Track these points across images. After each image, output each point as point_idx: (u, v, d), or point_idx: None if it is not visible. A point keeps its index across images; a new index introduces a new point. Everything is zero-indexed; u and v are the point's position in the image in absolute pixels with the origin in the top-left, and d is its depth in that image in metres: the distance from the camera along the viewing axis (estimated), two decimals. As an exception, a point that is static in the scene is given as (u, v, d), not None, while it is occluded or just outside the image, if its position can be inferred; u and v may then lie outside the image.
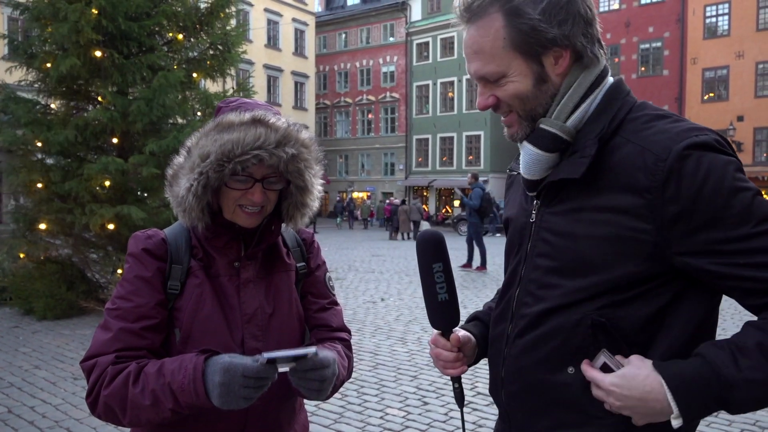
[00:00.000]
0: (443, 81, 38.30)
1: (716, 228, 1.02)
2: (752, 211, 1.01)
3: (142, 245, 1.39)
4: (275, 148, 1.31)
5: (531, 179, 1.21)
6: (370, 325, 7.59)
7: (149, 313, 1.33)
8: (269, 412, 1.41)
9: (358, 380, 5.27)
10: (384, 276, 12.49)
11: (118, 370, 1.27)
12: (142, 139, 7.79)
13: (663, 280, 1.08)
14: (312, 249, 1.61)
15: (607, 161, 1.10)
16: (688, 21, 31.34)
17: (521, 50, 1.13)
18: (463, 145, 37.69)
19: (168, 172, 1.41)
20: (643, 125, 1.11)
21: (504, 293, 1.30)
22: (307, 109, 40.24)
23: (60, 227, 7.82)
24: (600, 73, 1.18)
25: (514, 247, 1.30)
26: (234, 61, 8.75)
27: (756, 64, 29.74)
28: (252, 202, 1.35)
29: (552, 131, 1.15)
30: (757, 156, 29.74)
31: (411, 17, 39.90)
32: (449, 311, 1.28)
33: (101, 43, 7.54)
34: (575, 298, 1.12)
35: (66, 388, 5.02)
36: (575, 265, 1.13)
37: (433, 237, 1.29)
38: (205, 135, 1.34)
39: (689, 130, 1.06)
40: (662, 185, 1.03)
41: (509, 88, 1.16)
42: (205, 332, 1.35)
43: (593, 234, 1.10)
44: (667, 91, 31.85)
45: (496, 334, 1.29)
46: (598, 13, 1.18)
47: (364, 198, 40.57)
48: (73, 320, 7.71)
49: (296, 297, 1.52)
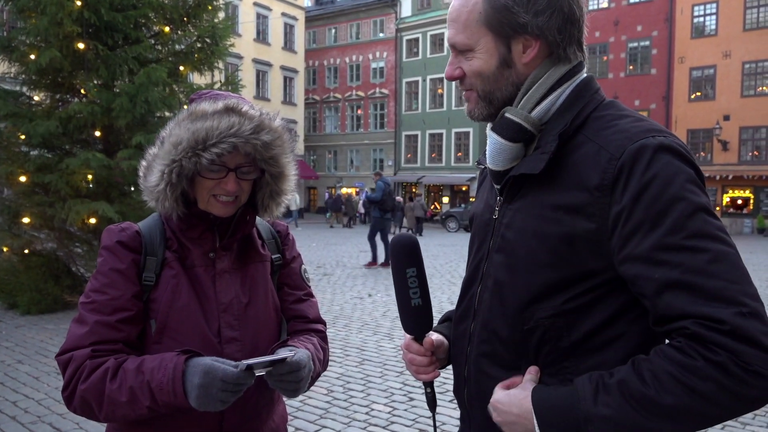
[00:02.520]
0: (433, 77, 38.27)
1: (648, 234, 0.98)
2: (687, 224, 0.96)
3: (116, 238, 1.38)
4: (250, 135, 1.32)
5: (495, 170, 1.20)
6: (357, 321, 7.58)
7: (125, 305, 1.32)
8: (247, 402, 1.41)
9: (344, 376, 5.26)
10: (371, 271, 12.47)
11: (96, 365, 1.26)
12: (129, 133, 7.72)
13: (615, 285, 1.05)
14: (287, 241, 1.62)
15: (566, 159, 1.09)
16: (676, 20, 31.53)
17: (492, 28, 1.12)
18: (452, 141, 37.74)
19: (142, 164, 1.41)
20: (606, 124, 1.09)
21: (466, 290, 1.28)
22: (296, 104, 40.08)
23: (42, 220, 7.73)
24: (572, 69, 1.16)
25: (476, 243, 1.29)
26: (222, 54, 8.68)
27: (743, 63, 29.99)
28: (226, 191, 1.36)
29: (516, 121, 1.14)
30: (742, 155, 29.99)
31: (401, 13, 39.84)
32: (422, 316, 1.26)
33: (85, 35, 7.45)
34: (527, 297, 1.10)
35: (49, 383, 4.97)
36: (527, 262, 1.11)
37: (408, 242, 1.27)
38: (178, 124, 1.35)
39: (647, 131, 1.04)
40: (612, 184, 1.01)
41: (474, 64, 1.16)
42: (182, 322, 1.35)
43: (546, 232, 1.08)
44: (655, 90, 32.04)
45: (458, 332, 1.27)
46: (587, 12, 1.17)
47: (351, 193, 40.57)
48: (57, 315, 7.64)
49: (272, 287, 1.53)
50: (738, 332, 0.89)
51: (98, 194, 7.64)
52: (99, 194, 7.65)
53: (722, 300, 0.92)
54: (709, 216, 0.98)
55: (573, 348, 1.07)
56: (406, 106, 39.93)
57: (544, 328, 1.08)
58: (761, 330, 0.90)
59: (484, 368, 1.17)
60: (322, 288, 10.19)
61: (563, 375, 1.08)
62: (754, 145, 30.00)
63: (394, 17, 40.04)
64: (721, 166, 29.62)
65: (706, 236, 0.96)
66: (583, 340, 1.07)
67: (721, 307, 0.91)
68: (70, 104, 7.99)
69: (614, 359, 1.04)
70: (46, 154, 7.91)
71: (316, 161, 43.99)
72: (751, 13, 29.86)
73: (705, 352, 0.91)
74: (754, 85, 29.94)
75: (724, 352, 0.89)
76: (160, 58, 8.37)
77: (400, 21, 39.65)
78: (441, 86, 38.06)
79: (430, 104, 38.74)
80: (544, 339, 1.09)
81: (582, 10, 1.15)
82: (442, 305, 8.56)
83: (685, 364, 0.92)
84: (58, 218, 7.36)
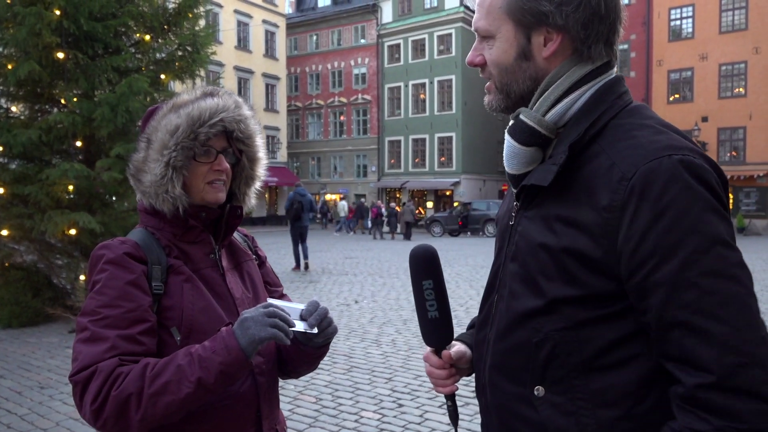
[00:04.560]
0: (415, 83, 38.37)
1: (658, 267, 0.93)
2: (701, 259, 0.91)
3: (122, 250, 1.33)
4: (234, 110, 1.41)
5: (511, 173, 1.15)
6: (344, 328, 7.55)
7: (143, 316, 1.28)
8: (272, 392, 1.49)
9: (332, 384, 5.23)
10: (358, 278, 12.45)
11: (131, 368, 1.20)
12: (110, 143, 7.63)
13: (628, 303, 1.00)
14: (255, 242, 1.70)
15: (579, 171, 1.03)
16: (653, 24, 31.98)
17: (513, 16, 1.08)
18: (435, 146, 37.81)
19: (129, 172, 1.43)
20: (622, 135, 1.02)
21: (487, 297, 1.24)
22: (278, 111, 39.97)
23: (22, 232, 7.61)
24: (596, 69, 1.09)
25: (497, 248, 1.26)
26: (203, 62, 8.62)
27: (719, 65, 30.48)
28: (219, 173, 1.41)
29: (529, 124, 1.08)
30: (721, 156, 30.45)
31: (382, 19, 39.94)
32: (440, 329, 1.23)
33: (64, 45, 7.37)
34: (536, 310, 1.06)
35: (32, 397, 4.88)
36: (537, 274, 1.06)
37: (424, 253, 1.23)
38: (164, 117, 1.39)
39: (665, 148, 0.96)
40: (621, 207, 0.95)
41: (494, 53, 1.12)
42: (207, 321, 1.35)
43: (554, 245, 1.03)
44: (634, 92, 32.41)
45: (479, 339, 1.24)
46: (623, 11, 1.11)
47: (336, 200, 40.54)
48: (39, 328, 7.52)
49: (263, 283, 1.61)
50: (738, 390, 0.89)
51: (79, 205, 7.53)
52: (80, 205, 7.54)
53: (729, 349, 0.89)
54: (726, 249, 0.93)
55: (584, 365, 1.02)
56: (389, 111, 39.98)
57: (554, 341, 1.03)
58: (762, 379, 0.89)
59: (494, 380, 1.15)
60: (308, 295, 10.14)
61: (572, 394, 1.02)
62: (732, 146, 30.49)
63: (376, 23, 40.13)
64: (701, 167, 29.95)
65: (718, 274, 0.91)
66: (595, 357, 1.01)
67: (723, 357, 0.90)
68: (50, 114, 7.89)
69: (626, 381, 1.00)
70: (25, 165, 7.79)
71: (300, 168, 43.88)
72: (727, 15, 30.37)
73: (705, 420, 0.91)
74: (730, 86, 30.45)
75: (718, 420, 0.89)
76: (141, 67, 8.30)
77: (382, 27, 39.74)
78: (423, 91, 38.19)
79: (412, 109, 38.82)
80: (554, 353, 1.04)
81: (616, 7, 1.08)
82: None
83: None
84: (37, 230, 7.24)
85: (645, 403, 0.99)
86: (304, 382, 5.22)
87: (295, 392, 5.00)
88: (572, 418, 1.02)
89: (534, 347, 1.05)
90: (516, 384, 1.09)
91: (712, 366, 0.89)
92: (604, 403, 1.00)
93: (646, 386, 0.99)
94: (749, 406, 0.88)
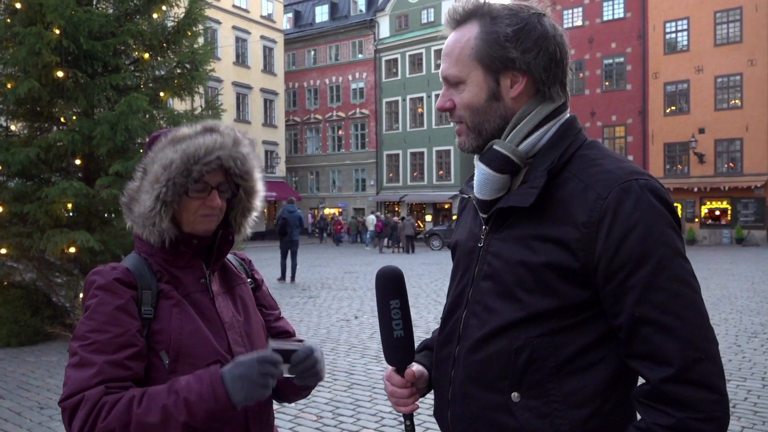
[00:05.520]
0: (412, 97, 38.56)
1: (632, 272, 1.06)
2: (668, 266, 1.06)
3: (112, 276, 1.37)
4: (232, 148, 1.42)
5: (482, 199, 1.25)
6: (344, 344, 7.53)
7: (131, 341, 1.30)
8: (263, 413, 1.48)
9: (333, 401, 5.21)
10: (357, 293, 12.43)
11: (116, 399, 1.22)
12: (108, 161, 7.64)
13: (602, 311, 1.13)
14: (252, 266, 1.71)
15: (554, 194, 1.15)
16: (649, 37, 32.20)
17: (483, 62, 1.20)
18: (434, 160, 37.94)
19: (122, 200, 1.45)
20: (590, 163, 1.17)
21: (450, 315, 1.32)
22: (276, 126, 40.09)
23: (20, 251, 7.59)
24: (558, 108, 1.23)
25: (460, 270, 1.32)
26: (202, 79, 8.66)
27: (715, 78, 30.66)
28: (211, 208, 1.42)
29: (504, 153, 1.20)
30: (718, 167, 30.53)
31: (379, 34, 40.21)
32: (404, 348, 1.29)
33: (64, 63, 7.40)
34: (516, 321, 1.15)
35: (32, 418, 4.85)
36: (516, 289, 1.16)
37: (392, 273, 1.30)
38: (161, 150, 1.41)
39: (632, 173, 1.11)
40: (598, 222, 1.09)
41: (464, 96, 1.22)
42: (195, 346, 1.37)
43: (534, 261, 1.14)
44: (631, 105, 32.59)
45: (442, 356, 1.31)
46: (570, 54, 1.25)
47: (335, 214, 40.53)
48: (38, 347, 7.49)
49: (256, 307, 1.62)
50: (695, 382, 1.02)
51: (79, 223, 7.53)
52: (80, 223, 7.54)
53: (689, 345, 1.03)
54: (684, 260, 1.08)
55: (558, 369, 1.12)
56: (387, 125, 40.14)
57: (533, 347, 1.13)
58: (714, 372, 1.04)
59: (469, 391, 1.21)
60: (308, 311, 10.12)
61: (546, 397, 1.12)
62: (729, 157, 30.57)
63: (373, 38, 40.39)
64: (698, 179, 30.10)
65: (681, 281, 1.06)
66: (568, 361, 1.12)
67: (684, 351, 1.03)
68: (49, 133, 7.91)
69: (595, 382, 1.12)
70: (24, 184, 7.80)
71: (298, 182, 43.93)
72: (721, 28, 30.61)
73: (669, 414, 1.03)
74: (726, 98, 30.61)
75: (679, 412, 1.02)
76: (140, 85, 8.33)
77: (379, 42, 40.00)
78: (421, 105, 38.36)
79: (410, 123, 38.98)
80: (532, 358, 1.13)
81: (566, 54, 1.24)
82: (428, 325, 8.54)
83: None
84: (36, 248, 7.23)
85: (610, 402, 1.12)
86: (305, 399, 5.19)
87: (296, 410, 4.98)
88: (547, 419, 1.12)
89: (513, 353, 1.15)
90: (492, 392, 1.18)
91: (674, 360, 1.03)
92: (575, 403, 1.11)
93: (611, 386, 1.13)
94: (704, 396, 1.02)
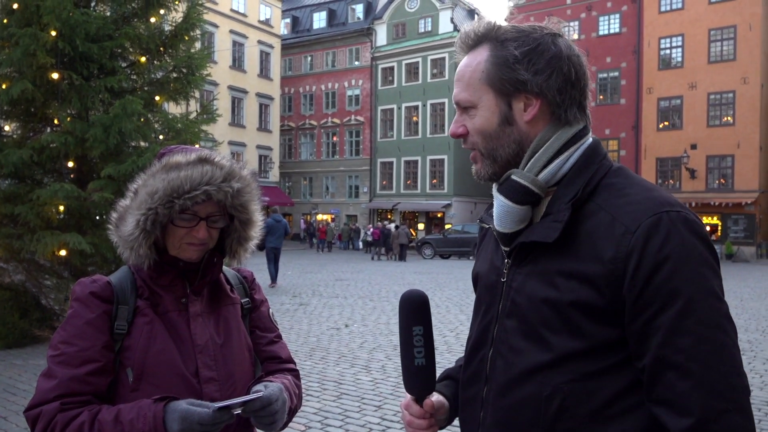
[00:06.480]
0: (408, 105, 38.69)
1: (658, 313, 1.00)
2: (696, 309, 0.98)
3: (88, 289, 1.40)
4: (222, 183, 1.40)
5: (503, 232, 1.18)
6: (334, 353, 7.51)
7: (94, 356, 1.33)
8: (244, 426, 1.47)
9: (321, 411, 5.19)
10: (348, 301, 12.40)
11: (68, 418, 1.26)
12: (101, 164, 7.61)
13: (629, 353, 1.05)
14: (254, 285, 1.68)
15: (579, 227, 1.08)
16: (643, 52, 32.47)
17: (494, 86, 1.15)
18: (427, 168, 38.04)
19: (113, 216, 1.46)
20: (618, 193, 1.09)
21: (474, 353, 1.24)
22: (271, 131, 40.09)
23: (10, 253, 7.54)
24: (578, 132, 1.17)
25: (483, 305, 1.25)
26: (198, 83, 8.65)
27: (708, 94, 30.93)
28: (197, 239, 1.41)
29: (523, 183, 1.13)
30: (710, 183, 30.77)
31: (376, 42, 40.35)
32: (425, 377, 1.21)
33: (59, 65, 7.38)
34: (543, 364, 1.08)
35: (18, 423, 4.79)
36: (541, 329, 1.09)
37: (416, 298, 1.22)
38: (153, 176, 1.41)
39: (662, 204, 1.04)
40: (625, 258, 1.01)
41: (476, 121, 1.17)
42: (159, 365, 1.37)
43: (558, 300, 1.07)
44: (625, 120, 32.81)
45: (468, 396, 1.24)
46: (590, 78, 1.19)
47: (328, 221, 40.49)
48: (26, 350, 7.40)
49: (244, 329, 1.58)
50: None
51: (70, 225, 7.48)
52: (71, 225, 7.49)
53: (714, 394, 0.96)
54: (717, 301, 1.00)
55: (591, 416, 1.05)
56: (382, 133, 40.22)
57: (563, 393, 1.06)
58: (741, 425, 0.96)
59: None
60: (298, 318, 10.09)
61: None
62: (721, 173, 30.82)
63: (370, 46, 40.52)
64: (690, 194, 30.27)
65: (711, 325, 0.98)
66: (603, 407, 1.05)
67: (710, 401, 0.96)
68: (42, 134, 7.87)
69: (629, 429, 1.04)
70: (15, 185, 7.75)
71: (291, 188, 43.89)
72: (715, 46, 30.91)
73: None
74: (719, 115, 30.88)
75: None
76: (135, 88, 8.31)
77: (376, 50, 40.13)
78: (416, 114, 38.49)
79: (405, 131, 39.08)
80: (563, 405, 1.06)
81: (584, 75, 1.17)
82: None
83: None
84: (26, 250, 7.19)
85: None
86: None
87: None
88: None
89: (544, 401, 1.07)
90: None
91: (696, 409, 0.95)
92: None
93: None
94: None
